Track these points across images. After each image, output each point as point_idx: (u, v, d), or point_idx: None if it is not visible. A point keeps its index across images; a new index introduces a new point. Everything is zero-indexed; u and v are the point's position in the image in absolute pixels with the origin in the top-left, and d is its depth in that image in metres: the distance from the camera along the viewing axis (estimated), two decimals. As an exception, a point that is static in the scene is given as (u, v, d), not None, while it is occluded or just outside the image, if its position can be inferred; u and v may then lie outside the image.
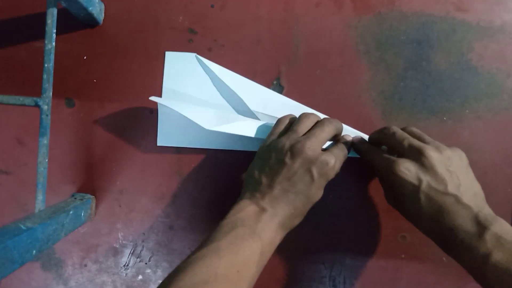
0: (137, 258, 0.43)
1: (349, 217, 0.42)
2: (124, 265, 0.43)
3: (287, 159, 0.32)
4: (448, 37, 0.41)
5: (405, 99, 0.41)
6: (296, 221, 0.33)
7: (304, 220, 0.42)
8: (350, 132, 0.40)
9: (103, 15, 0.42)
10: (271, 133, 0.36)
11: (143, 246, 0.43)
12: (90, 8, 0.38)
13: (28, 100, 0.34)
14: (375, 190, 0.42)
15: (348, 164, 0.40)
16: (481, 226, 0.29)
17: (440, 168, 0.30)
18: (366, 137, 0.40)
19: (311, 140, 0.32)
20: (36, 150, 0.34)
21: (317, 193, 0.33)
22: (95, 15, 0.40)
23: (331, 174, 0.32)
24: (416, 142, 0.32)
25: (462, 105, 0.41)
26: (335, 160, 0.32)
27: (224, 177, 0.42)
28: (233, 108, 0.41)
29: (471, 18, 0.41)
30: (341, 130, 0.36)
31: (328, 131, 0.34)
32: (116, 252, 0.43)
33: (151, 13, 0.42)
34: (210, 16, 0.42)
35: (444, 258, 0.41)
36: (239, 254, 0.28)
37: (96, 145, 0.42)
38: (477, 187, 0.32)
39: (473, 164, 0.41)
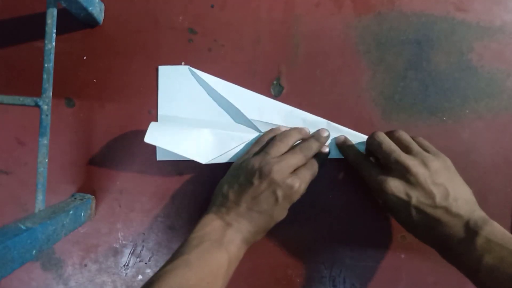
0: (137, 258, 0.43)
1: (349, 217, 0.42)
2: (124, 265, 0.43)
3: (255, 180, 0.33)
4: (448, 37, 0.41)
5: (405, 99, 0.41)
6: (258, 237, 0.35)
7: (304, 220, 0.42)
8: (348, 134, 0.40)
9: (103, 15, 0.42)
10: (247, 152, 0.38)
11: (143, 246, 0.43)
12: (90, 8, 0.38)
13: (28, 100, 0.34)
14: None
15: (347, 164, 0.40)
16: (472, 232, 0.30)
17: (427, 184, 0.32)
18: (363, 137, 0.40)
19: (280, 164, 0.34)
20: (36, 150, 0.34)
21: (281, 214, 0.34)
22: (95, 15, 0.40)
23: (295, 197, 0.34)
24: (402, 159, 0.33)
25: (462, 105, 0.41)
26: (299, 184, 0.34)
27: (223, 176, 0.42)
28: (230, 117, 0.41)
29: (471, 18, 0.41)
30: (315, 152, 0.37)
31: (299, 158, 0.35)
32: (116, 252, 0.43)
33: (151, 13, 0.42)
34: (210, 16, 0.42)
35: (444, 258, 0.41)
36: (208, 267, 0.30)
37: (96, 145, 0.42)
38: (466, 193, 0.33)
39: (473, 164, 0.41)
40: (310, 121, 0.40)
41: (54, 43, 0.34)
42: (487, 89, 0.41)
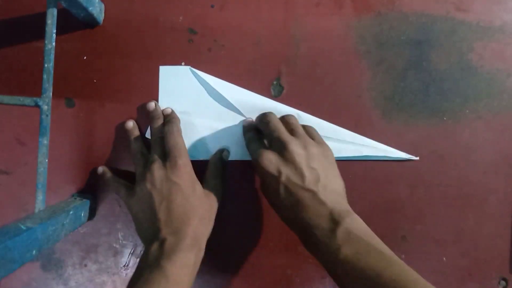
0: (137, 258, 0.43)
1: (349, 217, 0.42)
2: (124, 265, 0.43)
3: (149, 187, 0.34)
4: (448, 37, 0.41)
5: (405, 99, 0.41)
6: (202, 227, 0.34)
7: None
8: (346, 136, 0.40)
9: (103, 15, 0.42)
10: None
11: (143, 246, 0.43)
12: (90, 8, 0.38)
13: (28, 100, 0.34)
14: (375, 190, 0.42)
15: (348, 164, 0.40)
16: (334, 222, 0.30)
17: (301, 163, 0.32)
18: (367, 141, 0.40)
19: (155, 152, 0.36)
20: (36, 150, 0.34)
21: (193, 189, 0.34)
22: (95, 15, 0.40)
23: (188, 168, 0.35)
24: (283, 136, 0.33)
25: (462, 105, 0.41)
26: (178, 152, 0.35)
27: (226, 177, 0.42)
28: (230, 117, 0.41)
29: (471, 18, 0.41)
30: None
31: (184, 154, 0.36)
32: (116, 252, 0.43)
33: (151, 13, 0.42)
34: (210, 16, 0.42)
35: (444, 258, 0.41)
36: None
37: (96, 145, 0.42)
38: (338, 184, 0.33)
39: (473, 164, 0.41)
40: (310, 124, 0.40)
41: (54, 43, 0.34)
42: (487, 89, 0.41)
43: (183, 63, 0.42)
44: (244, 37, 0.42)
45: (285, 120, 0.36)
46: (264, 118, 0.36)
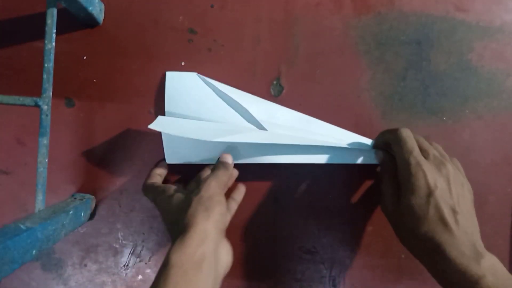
0: (137, 258, 0.43)
1: (349, 217, 0.42)
2: (124, 265, 0.43)
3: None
4: (448, 37, 0.41)
5: (405, 99, 0.41)
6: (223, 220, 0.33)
7: (304, 220, 0.42)
8: (350, 138, 0.40)
9: (103, 15, 0.42)
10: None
11: (143, 246, 0.43)
12: (90, 8, 0.38)
13: (28, 100, 0.34)
14: (375, 190, 0.42)
15: (347, 165, 0.40)
16: (478, 253, 0.29)
17: (454, 184, 0.32)
18: (366, 141, 0.39)
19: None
20: (36, 150, 0.34)
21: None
22: (95, 15, 0.40)
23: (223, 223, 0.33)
24: (437, 154, 0.34)
25: (462, 105, 0.41)
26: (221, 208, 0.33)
27: (224, 177, 0.42)
28: (239, 120, 0.40)
29: (471, 18, 0.41)
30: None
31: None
32: (116, 252, 0.43)
33: (151, 13, 0.42)
34: (210, 16, 0.42)
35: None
36: None
37: (96, 145, 0.42)
38: (474, 218, 0.33)
39: (473, 164, 0.41)
40: (309, 124, 0.40)
41: (54, 43, 0.34)
42: (487, 89, 0.41)
43: (183, 63, 0.42)
44: (244, 37, 0.42)
45: (416, 139, 0.35)
46: (399, 136, 0.34)
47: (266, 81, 0.42)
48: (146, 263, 0.43)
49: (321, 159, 0.39)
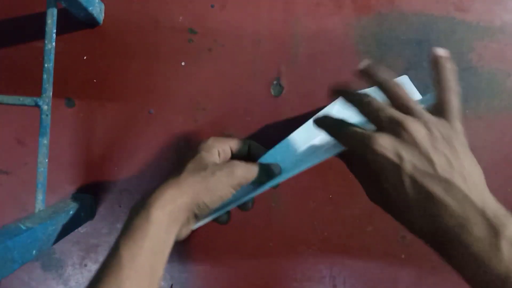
0: (137, 258, 0.43)
1: (349, 216, 0.42)
2: (124, 265, 0.43)
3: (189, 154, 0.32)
4: (448, 37, 0.41)
5: (405, 99, 0.41)
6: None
7: (304, 220, 0.42)
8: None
9: (103, 15, 0.42)
10: None
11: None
12: (90, 8, 0.38)
13: (28, 100, 0.34)
14: (375, 190, 0.42)
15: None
16: (492, 228, 0.21)
17: (425, 143, 0.24)
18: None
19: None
20: (36, 150, 0.34)
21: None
22: (95, 15, 0.40)
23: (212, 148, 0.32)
24: (396, 114, 0.25)
25: (462, 105, 0.41)
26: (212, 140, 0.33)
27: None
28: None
29: (471, 18, 0.41)
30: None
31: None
32: (116, 252, 0.43)
33: (151, 13, 0.42)
34: (210, 16, 0.42)
35: (444, 258, 0.41)
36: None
37: (96, 145, 0.42)
38: (477, 173, 0.25)
39: (473, 164, 0.41)
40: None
41: (54, 43, 0.34)
42: (487, 89, 0.41)
43: (183, 63, 0.42)
44: (244, 37, 0.42)
45: (392, 92, 0.27)
46: (365, 97, 0.27)
47: (266, 81, 0.42)
48: (146, 263, 0.43)
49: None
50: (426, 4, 0.41)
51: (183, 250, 0.42)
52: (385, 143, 0.24)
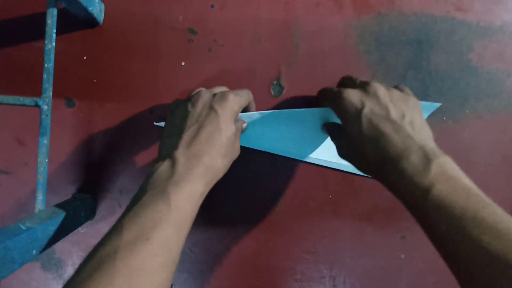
0: (137, 258, 0.43)
1: (349, 216, 0.42)
2: (124, 265, 0.43)
3: (189, 108, 0.32)
4: (448, 37, 0.41)
5: (405, 99, 0.41)
6: (219, 162, 0.31)
7: (304, 220, 0.42)
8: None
9: (103, 15, 0.42)
10: None
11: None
12: (90, 8, 0.38)
13: (28, 100, 0.34)
14: (375, 190, 0.42)
15: (348, 164, 0.40)
16: (427, 157, 0.27)
17: (385, 98, 0.31)
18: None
19: (209, 89, 0.34)
20: (36, 150, 0.34)
21: (228, 127, 0.32)
22: (95, 15, 0.40)
23: (235, 106, 0.33)
24: (365, 79, 0.33)
25: (462, 105, 0.41)
26: (233, 94, 0.33)
27: (225, 175, 0.42)
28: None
29: (471, 18, 0.41)
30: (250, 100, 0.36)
31: (236, 94, 0.34)
32: (116, 252, 0.43)
33: (151, 13, 0.42)
34: (210, 16, 0.42)
35: (444, 258, 0.41)
36: (146, 221, 0.25)
37: (96, 145, 0.42)
38: (425, 126, 0.31)
39: (473, 164, 0.41)
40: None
41: (54, 43, 0.34)
42: (487, 89, 0.41)
43: (183, 63, 0.42)
44: (244, 37, 0.42)
45: (358, 80, 0.35)
46: (347, 77, 0.36)
47: (266, 81, 0.42)
48: (146, 263, 0.43)
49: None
50: (426, 4, 0.41)
51: (183, 250, 0.42)
52: (353, 93, 0.32)
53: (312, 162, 0.41)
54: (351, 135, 0.31)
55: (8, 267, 0.28)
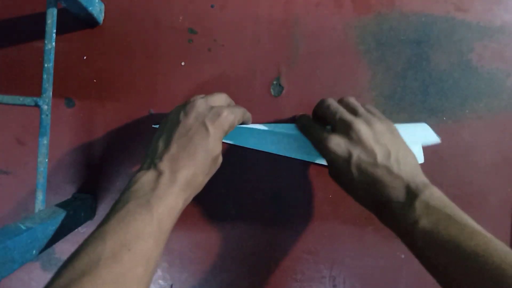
0: (137, 258, 0.43)
1: (349, 217, 0.42)
2: (124, 265, 0.43)
3: (181, 117, 0.32)
4: (448, 37, 0.41)
5: (405, 99, 0.41)
6: (200, 179, 0.32)
7: (304, 220, 0.42)
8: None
9: (103, 15, 0.42)
10: None
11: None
12: (90, 8, 0.38)
13: (28, 100, 0.34)
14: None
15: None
16: (412, 195, 0.29)
17: (369, 142, 0.32)
18: None
19: (203, 99, 0.33)
20: (36, 150, 0.34)
21: (215, 146, 0.32)
22: (95, 15, 0.40)
23: (226, 125, 0.32)
24: (346, 116, 0.33)
25: (462, 105, 0.41)
26: (227, 112, 0.32)
27: (224, 176, 0.42)
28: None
29: (471, 18, 0.41)
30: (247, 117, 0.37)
31: (224, 101, 0.35)
32: (116, 252, 0.43)
33: (151, 13, 0.42)
34: (210, 16, 0.42)
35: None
36: (129, 231, 0.26)
37: (96, 145, 0.42)
38: (409, 157, 0.32)
39: (473, 164, 0.41)
40: None
41: (54, 43, 0.34)
42: (487, 89, 0.41)
43: (183, 63, 0.42)
44: (244, 37, 0.42)
45: (345, 101, 0.36)
46: (323, 103, 0.36)
47: (266, 81, 0.42)
48: (146, 263, 0.43)
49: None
50: (426, 4, 0.41)
51: (183, 250, 0.42)
52: (338, 143, 0.32)
53: (309, 160, 0.41)
54: (341, 182, 0.34)
55: (8, 267, 0.28)
